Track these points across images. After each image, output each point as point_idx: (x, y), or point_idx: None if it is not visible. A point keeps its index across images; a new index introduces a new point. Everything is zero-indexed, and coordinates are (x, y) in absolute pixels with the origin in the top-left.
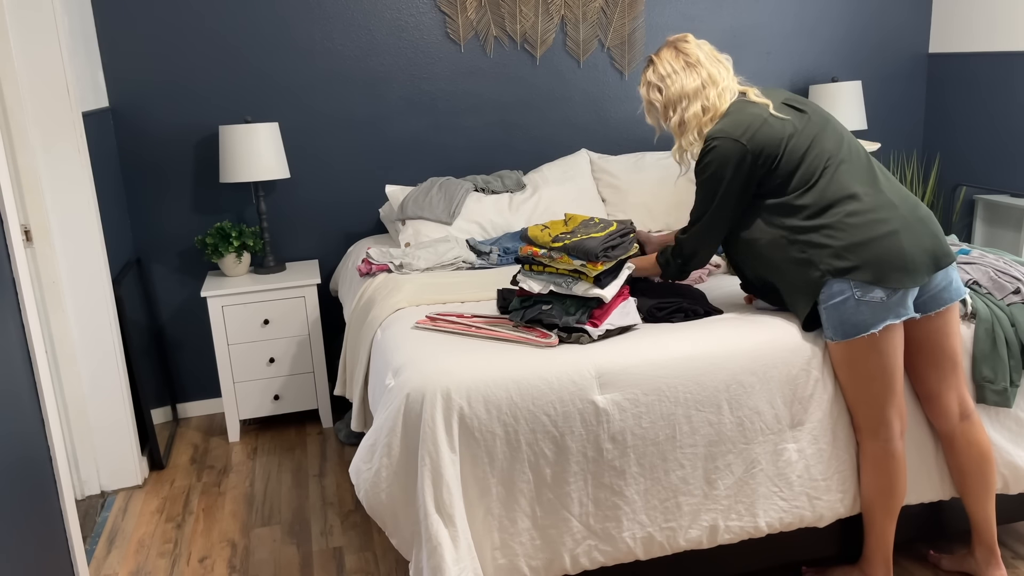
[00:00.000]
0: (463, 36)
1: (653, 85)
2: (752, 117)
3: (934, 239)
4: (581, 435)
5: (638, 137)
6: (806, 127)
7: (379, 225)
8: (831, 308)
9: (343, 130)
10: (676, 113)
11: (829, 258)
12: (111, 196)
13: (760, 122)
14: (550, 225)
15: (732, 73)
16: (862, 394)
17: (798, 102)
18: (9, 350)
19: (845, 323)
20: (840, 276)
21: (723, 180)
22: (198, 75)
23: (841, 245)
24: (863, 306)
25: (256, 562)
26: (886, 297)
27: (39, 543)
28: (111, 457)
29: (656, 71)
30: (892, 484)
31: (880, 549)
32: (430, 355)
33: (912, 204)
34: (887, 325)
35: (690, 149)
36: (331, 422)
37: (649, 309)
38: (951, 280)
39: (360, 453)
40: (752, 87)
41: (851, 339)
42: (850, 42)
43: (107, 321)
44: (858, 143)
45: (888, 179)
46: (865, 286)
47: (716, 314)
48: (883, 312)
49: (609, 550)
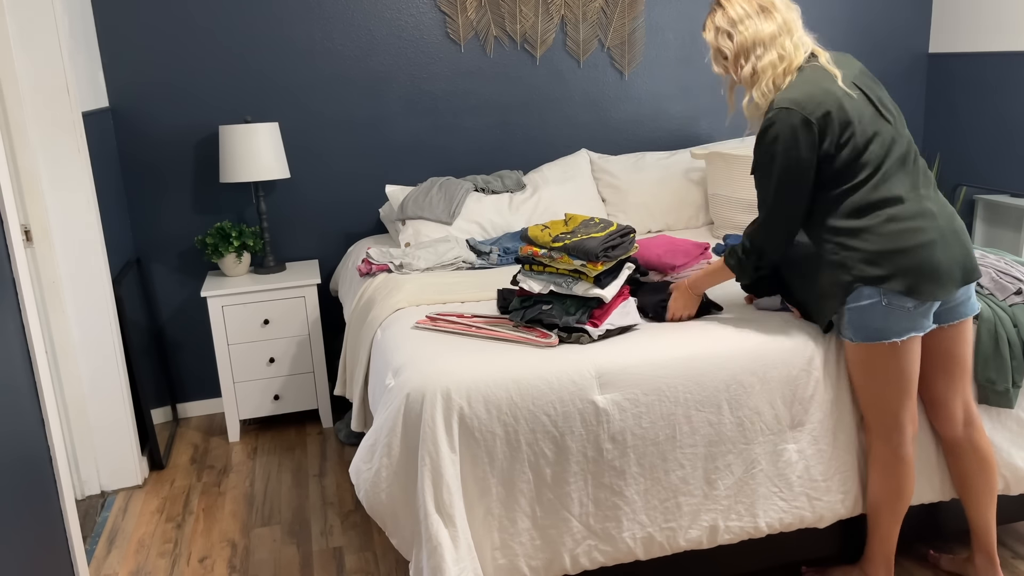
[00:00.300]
0: (463, 36)
1: (722, 31)
2: (825, 94)
3: (966, 253)
4: (581, 435)
5: (638, 137)
6: (873, 119)
7: (379, 225)
8: (856, 310)
9: (343, 130)
10: (749, 62)
11: (862, 263)
12: (111, 196)
13: (833, 101)
14: (550, 225)
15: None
16: (876, 398)
17: (866, 85)
18: (9, 350)
19: (868, 327)
20: (872, 284)
21: (789, 156)
22: (198, 75)
23: (876, 251)
24: (890, 314)
25: (256, 562)
26: (914, 307)
27: (39, 543)
28: (111, 457)
29: (727, 15)
30: (900, 488)
31: (883, 550)
32: (430, 355)
33: (949, 214)
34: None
35: (764, 102)
36: (331, 422)
37: (654, 306)
38: (970, 295)
39: (360, 453)
40: (822, 49)
41: (872, 343)
42: (850, 42)
43: (107, 321)
44: (911, 140)
45: (929, 183)
46: (895, 295)
47: (716, 311)
48: (909, 322)
49: (609, 550)
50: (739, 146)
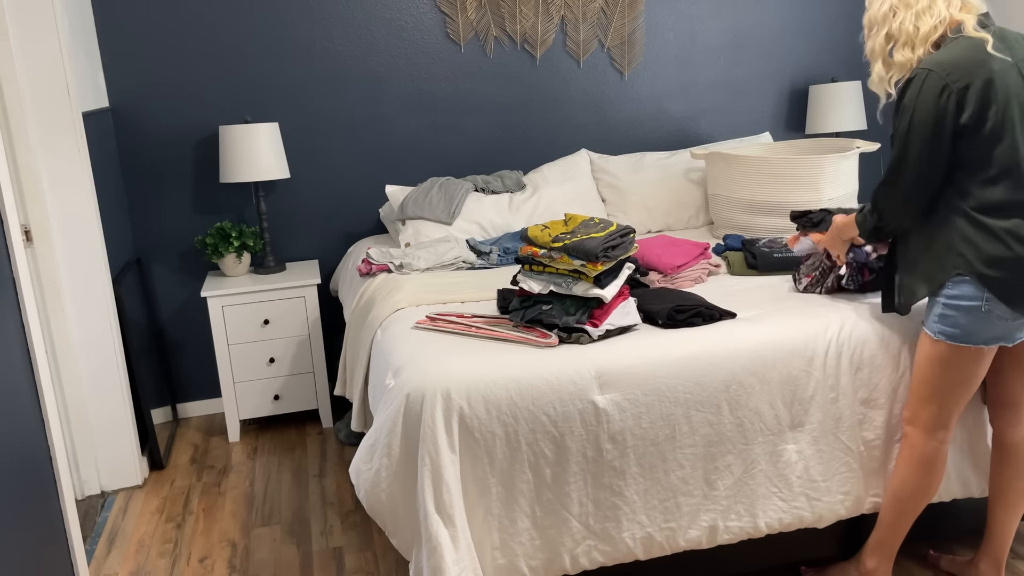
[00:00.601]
0: (463, 36)
1: None
2: (977, 65)
3: None
4: (581, 435)
5: (638, 137)
6: None
7: (379, 225)
8: (952, 307)
9: (343, 130)
10: (869, 40)
11: (978, 262)
12: (111, 196)
13: (983, 75)
14: (550, 225)
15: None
16: (940, 394)
17: None
18: (9, 350)
19: (959, 327)
20: (980, 285)
21: (918, 120)
22: (198, 75)
23: (1002, 257)
24: (987, 320)
25: (256, 562)
26: (1010, 319)
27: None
28: (111, 457)
29: None
30: (930, 483)
31: (889, 544)
32: (430, 355)
33: None
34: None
35: (883, 83)
36: (331, 422)
37: (669, 313)
38: None
39: (360, 453)
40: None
41: (957, 344)
42: (850, 42)
43: (107, 321)
44: None
45: None
46: (997, 303)
47: (730, 318)
48: (1002, 331)
49: (609, 550)
50: (739, 146)
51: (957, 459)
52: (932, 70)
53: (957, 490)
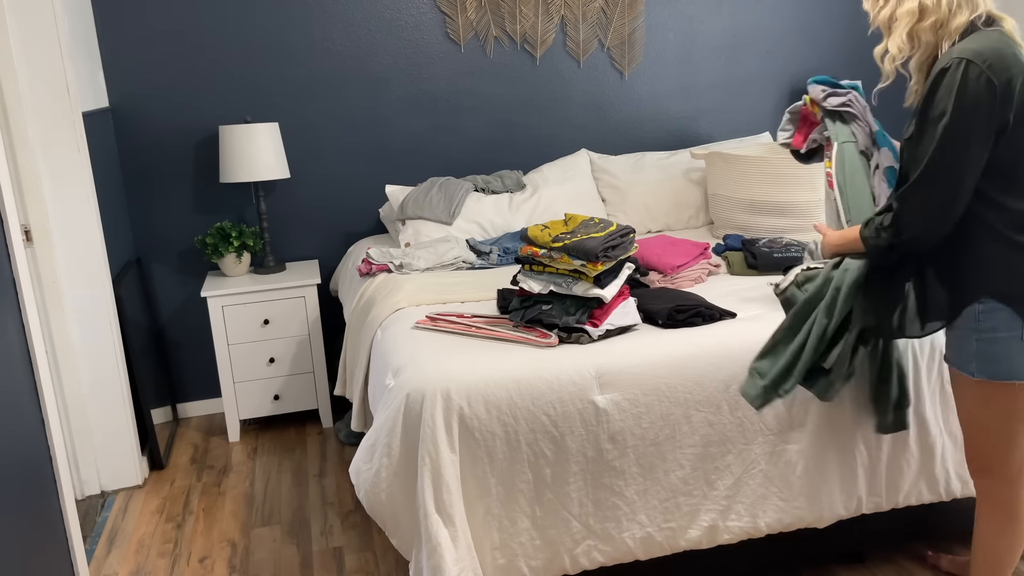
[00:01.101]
0: (463, 36)
1: None
2: (1014, 58)
3: None
4: (581, 435)
5: (638, 137)
6: None
7: (379, 225)
8: (990, 340)
9: (343, 130)
10: (889, 4)
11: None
12: (111, 196)
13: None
14: (550, 225)
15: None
16: (1003, 438)
17: None
18: (9, 350)
19: (1001, 363)
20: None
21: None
22: (198, 75)
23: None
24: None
25: (256, 562)
26: None
27: (39, 543)
28: (111, 457)
29: None
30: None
31: None
32: (430, 355)
33: None
34: None
35: (898, 57)
36: (331, 422)
37: (669, 312)
38: None
39: (360, 453)
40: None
41: (1001, 382)
42: (850, 42)
43: (107, 321)
44: None
45: None
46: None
47: (730, 318)
48: None
49: (609, 550)
50: (739, 146)
51: (957, 458)
52: (971, 60)
53: (957, 489)
